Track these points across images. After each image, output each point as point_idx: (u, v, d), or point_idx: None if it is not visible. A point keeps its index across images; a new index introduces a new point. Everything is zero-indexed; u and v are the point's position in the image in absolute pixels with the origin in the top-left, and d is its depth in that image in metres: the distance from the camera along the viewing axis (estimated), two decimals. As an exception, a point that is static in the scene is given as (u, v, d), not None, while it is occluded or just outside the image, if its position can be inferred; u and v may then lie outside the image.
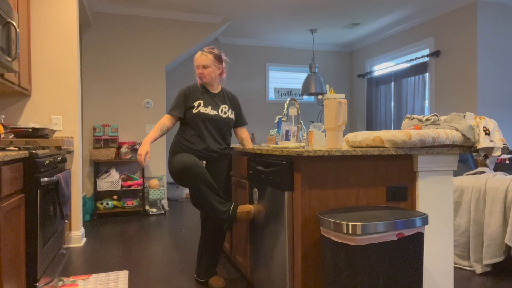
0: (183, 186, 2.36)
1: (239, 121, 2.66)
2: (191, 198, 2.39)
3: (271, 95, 7.00)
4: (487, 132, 1.91)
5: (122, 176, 5.02)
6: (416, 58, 5.67)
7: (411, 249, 1.53)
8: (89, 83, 5.10)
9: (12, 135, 2.85)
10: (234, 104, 2.61)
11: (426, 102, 5.61)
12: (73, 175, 3.52)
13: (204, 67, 2.46)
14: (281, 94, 7.04)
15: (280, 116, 3.18)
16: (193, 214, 5.03)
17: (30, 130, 2.79)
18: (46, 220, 2.27)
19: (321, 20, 5.76)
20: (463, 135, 1.89)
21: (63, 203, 2.47)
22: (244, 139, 2.68)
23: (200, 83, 2.53)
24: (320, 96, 6.61)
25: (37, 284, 2.06)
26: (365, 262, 1.46)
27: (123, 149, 4.95)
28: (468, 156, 3.66)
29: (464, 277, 2.69)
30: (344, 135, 2.81)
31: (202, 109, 2.44)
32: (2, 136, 2.79)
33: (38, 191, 2.08)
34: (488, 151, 1.91)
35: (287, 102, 2.61)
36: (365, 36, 6.67)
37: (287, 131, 2.75)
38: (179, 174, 2.27)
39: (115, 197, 4.98)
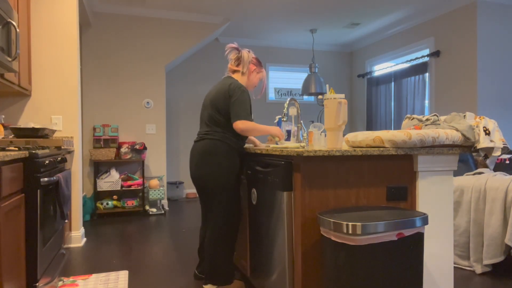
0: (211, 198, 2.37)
1: None
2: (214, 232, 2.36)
3: (271, 95, 7.00)
4: (487, 132, 1.91)
5: (122, 176, 5.02)
6: (416, 58, 5.67)
7: (411, 249, 1.53)
8: (89, 83, 5.10)
9: (12, 135, 2.85)
10: None
11: (426, 102, 5.61)
12: (73, 175, 3.52)
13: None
14: (281, 94, 7.04)
15: (280, 116, 3.18)
16: (193, 214, 5.03)
17: (30, 130, 2.79)
18: (46, 220, 2.27)
19: (321, 20, 5.76)
20: (463, 135, 1.89)
21: (63, 203, 2.47)
22: None
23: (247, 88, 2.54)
24: (320, 96, 6.61)
25: (37, 284, 2.06)
26: (365, 262, 1.46)
27: (123, 149, 4.95)
28: (468, 156, 3.66)
29: (464, 277, 2.69)
30: (344, 135, 2.81)
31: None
32: (2, 136, 2.79)
33: (38, 191, 2.08)
34: (488, 151, 1.91)
35: (287, 102, 2.61)
36: (365, 36, 6.67)
37: (288, 131, 2.75)
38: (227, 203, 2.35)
39: (115, 197, 4.98)
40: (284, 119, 2.57)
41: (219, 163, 2.30)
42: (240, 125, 2.26)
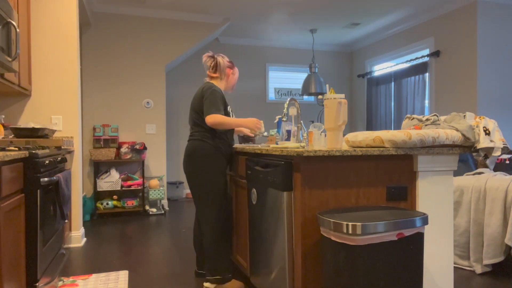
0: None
1: None
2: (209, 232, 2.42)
3: (271, 95, 7.00)
4: (487, 132, 1.91)
5: (122, 176, 5.02)
6: (416, 58, 5.67)
7: (411, 249, 1.53)
8: (89, 83, 5.10)
9: (12, 135, 2.85)
10: None
11: (426, 102, 5.61)
12: (73, 175, 3.52)
13: None
14: (281, 94, 7.04)
15: (280, 116, 3.18)
16: (193, 214, 5.03)
17: (30, 129, 2.79)
18: (46, 220, 2.27)
19: (321, 20, 5.76)
20: (463, 135, 1.89)
21: (63, 203, 2.47)
22: None
23: (226, 90, 2.67)
24: (320, 96, 6.61)
25: (37, 284, 2.06)
26: (365, 262, 1.46)
27: (123, 149, 4.95)
28: (468, 156, 3.66)
29: (464, 277, 2.69)
30: (344, 135, 2.80)
31: (231, 113, 2.58)
32: (2, 136, 2.79)
33: (38, 191, 2.08)
34: (488, 151, 1.91)
35: (287, 102, 2.61)
36: (365, 36, 6.67)
37: (288, 131, 2.75)
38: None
39: (115, 197, 4.98)
40: (284, 119, 2.57)
41: (200, 162, 2.41)
42: (209, 119, 2.37)
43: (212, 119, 2.35)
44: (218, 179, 2.44)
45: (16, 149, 2.13)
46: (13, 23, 2.49)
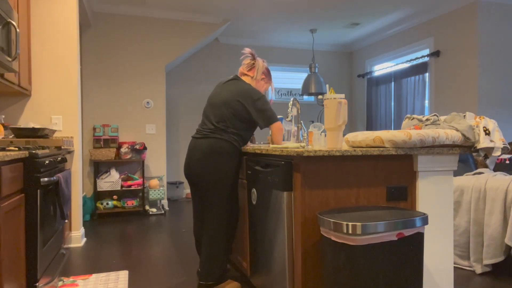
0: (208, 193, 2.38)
1: None
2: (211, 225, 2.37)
3: (271, 95, 6.99)
4: (487, 132, 1.91)
5: (122, 176, 5.02)
6: (416, 58, 5.67)
7: (411, 249, 1.53)
8: (89, 83, 5.10)
9: (12, 135, 2.85)
10: None
11: (426, 102, 5.61)
12: (73, 175, 3.52)
13: None
14: (281, 94, 7.04)
15: (282, 117, 3.18)
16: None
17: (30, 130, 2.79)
18: (46, 220, 2.27)
19: (321, 20, 5.76)
20: (463, 135, 1.89)
21: (63, 203, 2.47)
22: None
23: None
24: (320, 96, 6.61)
25: (37, 284, 2.06)
26: (365, 262, 1.46)
27: (123, 149, 4.95)
28: (468, 156, 3.66)
29: (464, 277, 2.69)
30: (344, 135, 2.81)
31: None
32: (2, 136, 2.79)
33: (38, 191, 2.08)
34: (488, 151, 1.91)
35: (291, 102, 2.62)
36: (365, 36, 6.67)
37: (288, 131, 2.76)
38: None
39: (115, 197, 4.98)
40: (289, 119, 2.58)
41: (224, 162, 2.33)
42: (278, 125, 2.40)
43: (278, 126, 2.41)
44: (235, 181, 2.41)
45: (16, 149, 2.13)
46: (13, 23, 2.49)
